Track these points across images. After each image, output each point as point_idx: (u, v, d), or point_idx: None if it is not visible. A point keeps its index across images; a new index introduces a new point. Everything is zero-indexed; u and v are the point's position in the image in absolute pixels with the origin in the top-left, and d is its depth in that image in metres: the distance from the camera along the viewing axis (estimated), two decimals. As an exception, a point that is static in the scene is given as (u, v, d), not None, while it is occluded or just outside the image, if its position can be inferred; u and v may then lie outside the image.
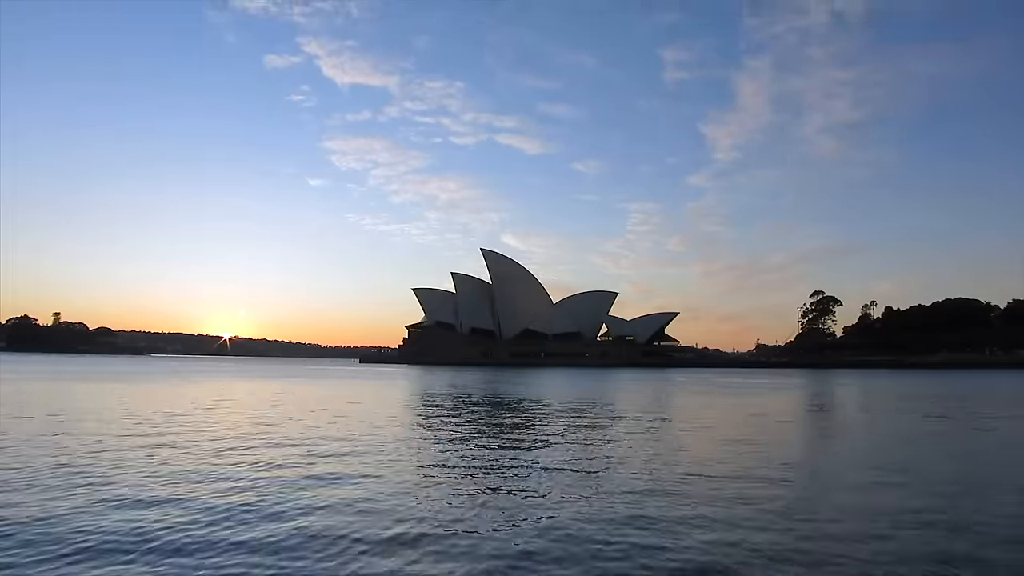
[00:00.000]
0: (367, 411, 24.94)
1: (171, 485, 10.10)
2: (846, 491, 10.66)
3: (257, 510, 8.57)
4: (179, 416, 21.29)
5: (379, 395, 36.63)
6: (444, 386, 45.30)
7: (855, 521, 8.50)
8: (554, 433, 17.95)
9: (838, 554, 7.01)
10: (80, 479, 10.47)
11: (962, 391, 43.89)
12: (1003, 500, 9.96)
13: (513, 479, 11.16)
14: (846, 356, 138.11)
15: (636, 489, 10.26)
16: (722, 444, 16.19)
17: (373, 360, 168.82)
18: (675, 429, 20.18)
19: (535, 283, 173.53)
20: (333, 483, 10.47)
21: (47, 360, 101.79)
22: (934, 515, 8.78)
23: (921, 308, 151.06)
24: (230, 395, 33.70)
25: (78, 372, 60.04)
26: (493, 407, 27.82)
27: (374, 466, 12.10)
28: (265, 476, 10.98)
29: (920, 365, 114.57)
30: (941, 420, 23.82)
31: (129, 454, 13.07)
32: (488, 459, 13.33)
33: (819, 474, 12.83)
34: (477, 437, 17.00)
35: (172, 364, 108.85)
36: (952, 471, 12.68)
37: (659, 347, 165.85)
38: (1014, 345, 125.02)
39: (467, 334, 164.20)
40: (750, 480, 11.22)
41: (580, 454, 14.07)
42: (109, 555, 6.69)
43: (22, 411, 22.01)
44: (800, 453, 15.76)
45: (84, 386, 38.64)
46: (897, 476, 11.86)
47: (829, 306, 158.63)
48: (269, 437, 16.12)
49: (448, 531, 7.74)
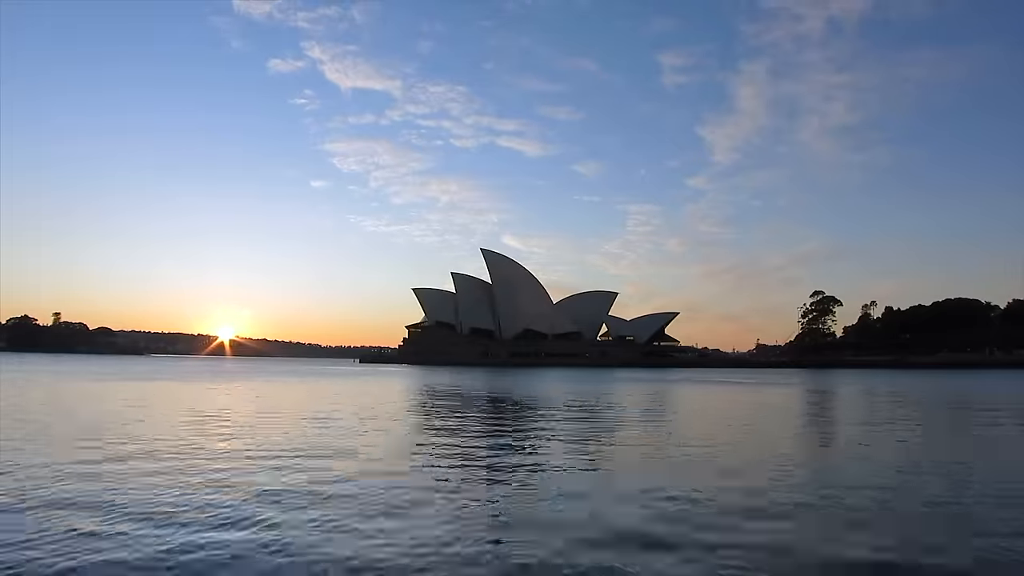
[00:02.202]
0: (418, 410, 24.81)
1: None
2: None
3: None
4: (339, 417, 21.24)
5: (402, 392, 36.60)
6: (464, 386, 45.13)
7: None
8: (556, 433, 17.82)
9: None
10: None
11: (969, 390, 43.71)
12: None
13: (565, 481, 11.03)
14: (846, 356, 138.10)
15: (636, 488, 10.13)
16: (721, 442, 16.09)
17: (373, 360, 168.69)
18: (676, 428, 20.06)
19: (535, 283, 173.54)
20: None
21: (62, 360, 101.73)
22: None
23: (921, 308, 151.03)
24: (312, 395, 34.52)
25: (116, 372, 59.81)
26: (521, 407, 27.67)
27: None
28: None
29: (920, 365, 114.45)
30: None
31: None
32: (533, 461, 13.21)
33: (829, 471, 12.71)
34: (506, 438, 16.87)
35: (186, 365, 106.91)
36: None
37: (659, 347, 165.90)
38: (1014, 345, 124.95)
39: (467, 334, 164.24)
40: (748, 478, 11.10)
41: (582, 454, 13.95)
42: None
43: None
44: (798, 451, 15.64)
45: (164, 386, 39.46)
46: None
47: (829, 306, 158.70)
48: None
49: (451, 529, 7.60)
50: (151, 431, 16.16)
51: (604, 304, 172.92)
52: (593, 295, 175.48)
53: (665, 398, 35.52)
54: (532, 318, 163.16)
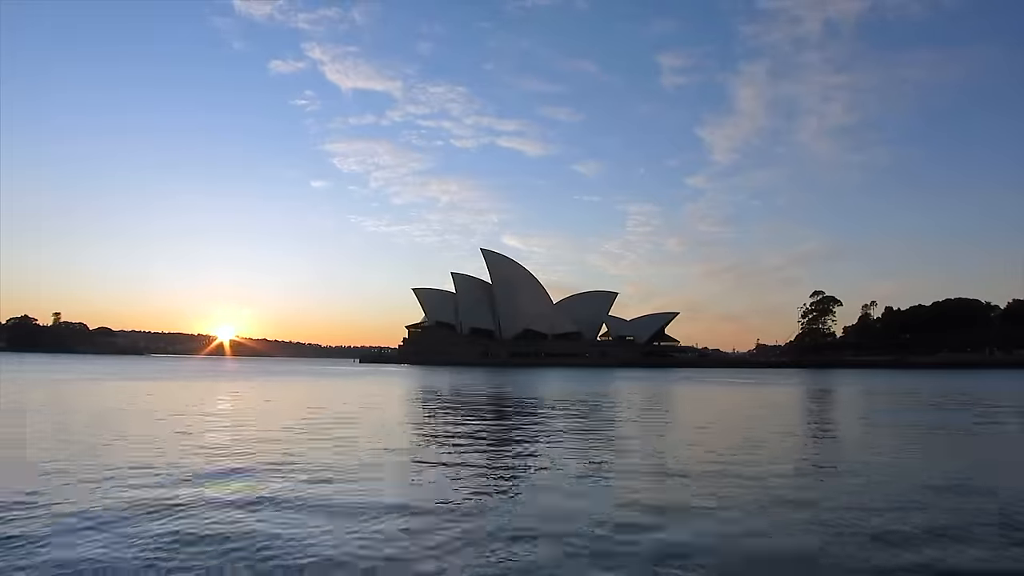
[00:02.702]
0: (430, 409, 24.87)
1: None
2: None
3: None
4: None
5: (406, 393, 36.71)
6: (466, 387, 45.24)
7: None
8: (559, 433, 17.93)
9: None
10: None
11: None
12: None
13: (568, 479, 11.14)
14: (846, 356, 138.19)
15: (637, 487, 10.24)
16: (722, 441, 16.18)
17: (373, 360, 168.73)
18: (677, 427, 20.16)
19: (535, 283, 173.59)
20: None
21: (63, 361, 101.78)
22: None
23: (921, 308, 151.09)
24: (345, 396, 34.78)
25: (134, 373, 59.92)
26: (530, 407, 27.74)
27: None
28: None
29: (920, 365, 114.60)
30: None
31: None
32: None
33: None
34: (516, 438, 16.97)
35: (193, 365, 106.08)
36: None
37: (659, 347, 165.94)
38: (1014, 345, 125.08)
39: (467, 334, 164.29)
40: (748, 475, 11.21)
41: (585, 453, 14.06)
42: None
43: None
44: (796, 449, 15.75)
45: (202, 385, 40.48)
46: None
47: (829, 306, 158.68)
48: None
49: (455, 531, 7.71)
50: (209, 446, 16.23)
51: (604, 304, 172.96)
52: (593, 295, 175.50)
53: (666, 398, 35.61)
54: (532, 318, 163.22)
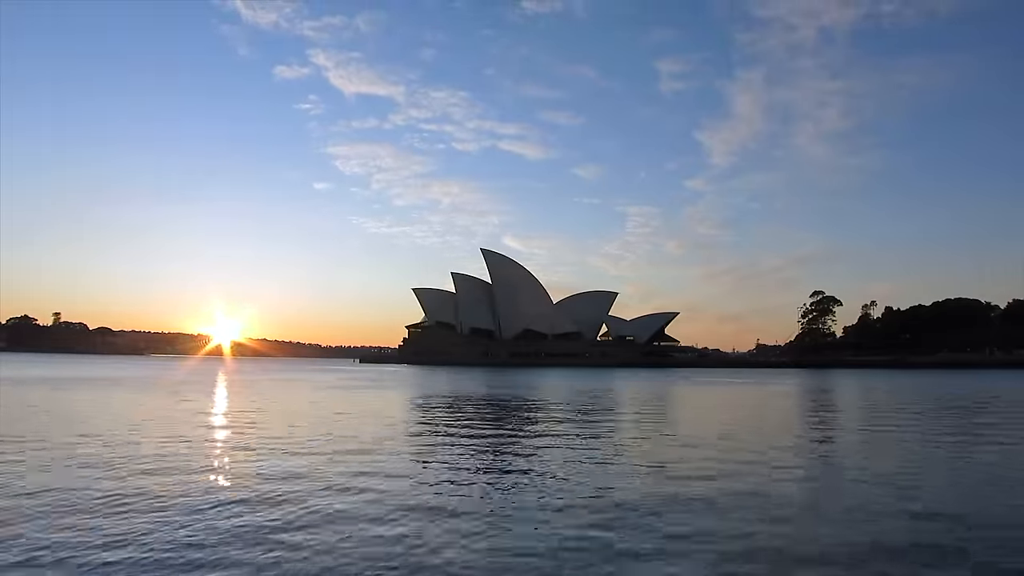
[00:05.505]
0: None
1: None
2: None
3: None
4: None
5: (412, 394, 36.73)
6: (470, 388, 45.23)
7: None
8: (560, 433, 17.99)
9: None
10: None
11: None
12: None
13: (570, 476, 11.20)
14: (846, 356, 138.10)
15: (637, 487, 10.30)
16: (722, 439, 16.24)
17: (373, 360, 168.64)
18: (678, 428, 20.21)
19: (535, 283, 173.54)
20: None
21: (63, 361, 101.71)
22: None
23: (921, 308, 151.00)
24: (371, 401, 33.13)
25: (143, 377, 59.39)
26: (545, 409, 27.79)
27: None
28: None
29: (920, 365, 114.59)
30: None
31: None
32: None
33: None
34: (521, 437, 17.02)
35: (195, 366, 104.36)
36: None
37: (659, 347, 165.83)
38: (1014, 345, 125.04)
39: (467, 334, 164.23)
40: (747, 475, 11.28)
41: (587, 454, 14.12)
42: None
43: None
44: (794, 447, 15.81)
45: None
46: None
47: (829, 306, 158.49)
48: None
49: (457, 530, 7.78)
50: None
51: (604, 304, 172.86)
52: (593, 295, 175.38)
53: (667, 398, 35.66)
54: (532, 318, 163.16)
